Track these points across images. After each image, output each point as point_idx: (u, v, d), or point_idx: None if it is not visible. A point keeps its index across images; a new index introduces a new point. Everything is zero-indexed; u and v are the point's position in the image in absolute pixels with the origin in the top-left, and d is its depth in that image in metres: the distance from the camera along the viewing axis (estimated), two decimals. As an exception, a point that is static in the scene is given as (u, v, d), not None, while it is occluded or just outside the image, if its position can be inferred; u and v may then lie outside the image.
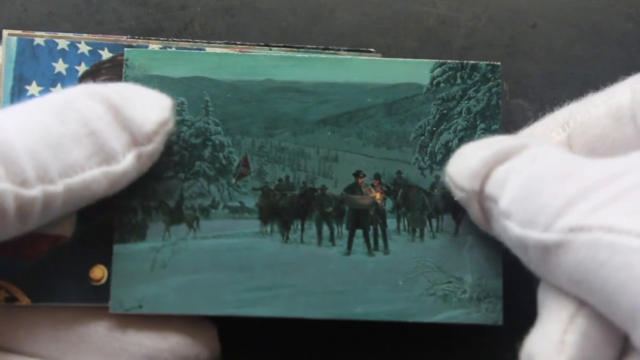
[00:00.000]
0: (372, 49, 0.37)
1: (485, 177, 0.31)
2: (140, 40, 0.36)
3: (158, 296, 0.33)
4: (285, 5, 0.41)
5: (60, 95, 0.31)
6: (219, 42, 0.37)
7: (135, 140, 0.31)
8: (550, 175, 0.28)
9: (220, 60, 0.35)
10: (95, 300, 0.34)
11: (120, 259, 0.34)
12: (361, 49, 0.37)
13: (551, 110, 0.34)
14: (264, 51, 0.36)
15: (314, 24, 0.40)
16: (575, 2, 0.40)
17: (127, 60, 0.35)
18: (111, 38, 0.36)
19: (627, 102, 0.31)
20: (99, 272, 0.34)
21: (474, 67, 0.35)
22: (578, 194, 0.27)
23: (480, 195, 0.31)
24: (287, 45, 0.36)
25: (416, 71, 0.36)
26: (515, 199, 0.29)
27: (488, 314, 0.34)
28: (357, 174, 0.35)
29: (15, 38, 0.35)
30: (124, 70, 0.35)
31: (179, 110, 0.35)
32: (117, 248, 0.34)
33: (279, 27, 0.40)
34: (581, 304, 0.28)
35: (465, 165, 0.32)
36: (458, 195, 0.32)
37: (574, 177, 0.27)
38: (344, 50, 0.37)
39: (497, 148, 0.30)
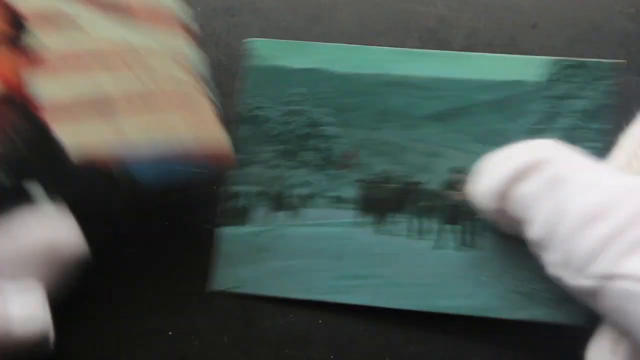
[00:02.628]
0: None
1: (504, 197, 0.30)
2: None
3: (256, 278, 0.35)
4: (285, 5, 0.40)
5: None
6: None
7: None
8: (577, 214, 0.27)
9: (338, 52, 0.37)
10: None
11: (222, 242, 0.35)
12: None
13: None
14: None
15: (314, 24, 0.40)
16: (575, 2, 0.39)
17: (252, 50, 0.37)
18: None
19: None
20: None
21: (595, 65, 0.34)
22: (608, 236, 0.26)
23: (504, 214, 0.30)
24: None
25: (529, 68, 0.35)
26: (543, 233, 0.28)
27: (570, 313, 0.32)
28: (454, 170, 0.35)
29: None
30: (248, 60, 0.37)
31: (298, 100, 0.36)
32: (221, 231, 0.35)
33: (279, 27, 0.40)
34: None
35: (482, 185, 0.31)
36: (481, 215, 0.32)
37: (602, 219, 0.26)
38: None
39: (512, 167, 0.29)
